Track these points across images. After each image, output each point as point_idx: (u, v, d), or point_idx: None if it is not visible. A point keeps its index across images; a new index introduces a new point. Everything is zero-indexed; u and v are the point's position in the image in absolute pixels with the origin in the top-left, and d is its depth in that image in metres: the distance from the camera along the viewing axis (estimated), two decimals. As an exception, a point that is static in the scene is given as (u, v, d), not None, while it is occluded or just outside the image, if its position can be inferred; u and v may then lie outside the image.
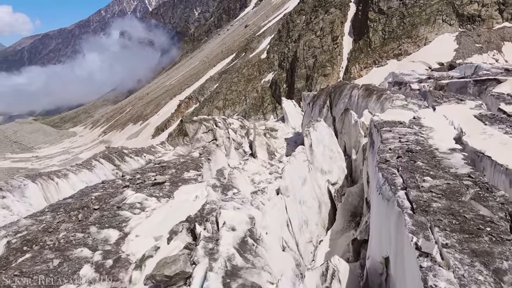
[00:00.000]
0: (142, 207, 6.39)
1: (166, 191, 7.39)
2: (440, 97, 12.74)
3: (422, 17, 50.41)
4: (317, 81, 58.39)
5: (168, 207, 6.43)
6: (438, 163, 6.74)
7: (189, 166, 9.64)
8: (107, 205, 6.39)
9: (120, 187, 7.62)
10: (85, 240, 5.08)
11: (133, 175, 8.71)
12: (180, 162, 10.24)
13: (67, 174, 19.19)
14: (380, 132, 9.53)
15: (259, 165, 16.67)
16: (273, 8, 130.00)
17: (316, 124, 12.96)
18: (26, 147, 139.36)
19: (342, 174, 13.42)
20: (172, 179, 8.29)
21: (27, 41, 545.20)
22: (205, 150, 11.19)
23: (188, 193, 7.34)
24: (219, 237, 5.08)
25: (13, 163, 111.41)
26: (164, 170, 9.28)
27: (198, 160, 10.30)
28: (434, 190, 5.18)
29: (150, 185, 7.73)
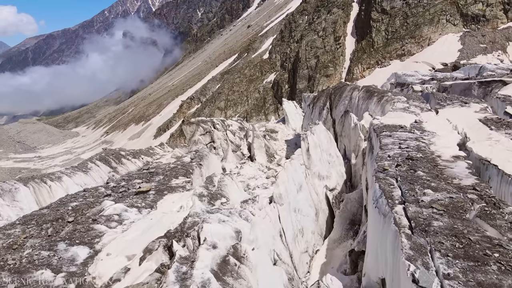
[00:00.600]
0: (120, 220, 5.92)
1: (149, 200, 6.93)
2: (443, 100, 12.22)
3: (426, 17, 49.75)
4: (319, 81, 57.83)
5: (148, 219, 5.95)
6: (440, 173, 6.24)
7: (179, 172, 9.17)
8: (83, 217, 5.92)
9: (101, 196, 7.17)
10: (49, 260, 4.61)
11: (118, 182, 8.26)
12: (170, 167, 9.77)
13: (61, 177, 18.75)
14: (379, 137, 9.03)
15: (256, 169, 16.20)
16: (276, 8, 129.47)
17: (314, 127, 12.47)
18: (29, 147, 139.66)
19: (341, 179, 12.92)
20: (158, 187, 7.82)
21: (31, 41, 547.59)
22: (197, 155, 10.72)
23: (172, 203, 6.87)
24: (195, 258, 4.61)
25: (16, 163, 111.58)
26: (152, 176, 8.83)
27: (189, 166, 9.83)
28: (435, 206, 4.68)
29: (134, 194, 7.27)
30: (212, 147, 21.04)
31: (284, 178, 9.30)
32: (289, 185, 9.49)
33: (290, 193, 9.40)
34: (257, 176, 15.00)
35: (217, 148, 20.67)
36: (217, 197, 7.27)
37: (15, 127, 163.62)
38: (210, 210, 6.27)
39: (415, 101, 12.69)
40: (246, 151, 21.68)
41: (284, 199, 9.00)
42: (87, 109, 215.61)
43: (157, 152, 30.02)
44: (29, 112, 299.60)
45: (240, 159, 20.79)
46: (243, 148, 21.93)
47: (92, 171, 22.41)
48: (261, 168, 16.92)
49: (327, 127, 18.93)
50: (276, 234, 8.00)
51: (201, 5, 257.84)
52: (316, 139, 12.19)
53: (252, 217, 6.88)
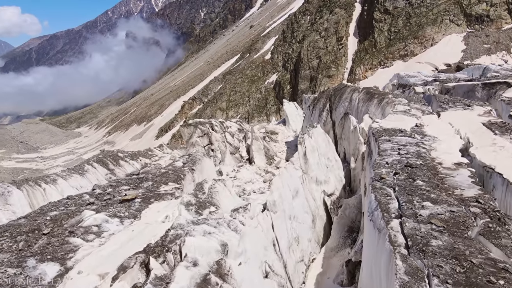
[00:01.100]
0: (99, 232, 5.56)
1: (134, 209, 6.57)
2: (445, 102, 11.80)
3: (429, 17, 49.23)
4: (321, 82, 57.41)
5: (129, 231, 5.59)
6: (441, 182, 5.85)
7: (169, 178, 8.82)
8: (60, 229, 5.57)
9: (84, 204, 6.82)
10: (14, 279, 4.25)
11: (104, 189, 7.92)
12: (161, 172, 9.42)
13: (56, 179, 18.46)
14: (378, 141, 8.64)
15: (253, 173, 15.82)
16: (279, 9, 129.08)
17: (312, 130, 12.08)
18: (32, 147, 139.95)
19: (340, 184, 12.52)
20: (145, 194, 7.46)
21: (35, 41, 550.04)
22: (190, 159, 10.36)
23: (158, 212, 6.51)
24: (171, 278, 4.25)
25: (18, 164, 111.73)
26: (141, 182, 8.48)
27: (180, 171, 9.47)
28: (435, 222, 4.29)
29: (118, 202, 6.91)
30: (210, 149, 20.70)
31: (279, 184, 8.92)
32: (284, 192, 9.12)
33: (285, 200, 9.03)
34: (254, 180, 14.63)
35: (215, 151, 20.32)
36: (206, 205, 6.90)
37: (18, 127, 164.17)
38: (196, 221, 5.90)
39: (416, 103, 12.29)
40: (245, 153, 21.31)
41: (278, 207, 8.63)
42: (90, 109, 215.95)
43: (156, 154, 29.72)
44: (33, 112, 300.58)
45: (239, 161, 20.43)
46: (241, 150, 21.57)
47: (89, 173, 22.12)
48: (258, 171, 16.55)
49: (326, 129, 18.56)
50: (268, 244, 7.62)
51: (204, 5, 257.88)
52: (314, 143, 11.80)
53: (242, 228, 6.51)
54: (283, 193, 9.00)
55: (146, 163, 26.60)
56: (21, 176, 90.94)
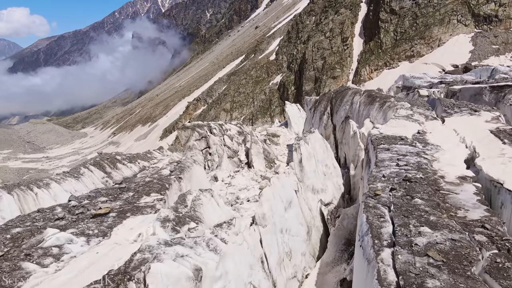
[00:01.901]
0: (59, 254, 5.02)
1: (105, 226, 6.01)
2: (450, 106, 11.12)
3: (436, 18, 48.28)
4: (325, 83, 56.68)
5: (93, 254, 5.04)
6: (443, 200, 5.21)
7: (153, 188, 8.28)
8: (17, 250, 5.03)
9: (53, 219, 6.29)
10: None
11: (80, 200, 7.39)
12: (145, 181, 8.88)
13: (49, 183, 17.99)
14: (376, 150, 8.01)
15: (249, 179, 15.22)
16: (284, 9, 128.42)
17: (309, 136, 11.46)
18: (38, 147, 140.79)
19: (338, 192, 11.88)
20: (122, 207, 6.90)
21: (43, 42, 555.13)
22: (178, 167, 9.80)
23: (131, 229, 5.95)
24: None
25: (24, 164, 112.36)
26: (121, 193, 7.94)
27: (166, 180, 8.93)
28: (433, 254, 3.67)
29: (90, 217, 6.37)
30: (208, 153, 20.16)
31: (269, 195, 8.32)
32: (275, 203, 8.51)
33: (276, 212, 8.43)
34: (250, 187, 14.03)
35: (212, 154, 19.78)
36: (186, 221, 6.32)
37: (26, 127, 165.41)
38: (169, 241, 5.33)
39: (419, 107, 11.61)
40: (244, 157, 20.72)
41: (268, 220, 8.03)
42: (96, 110, 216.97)
43: (155, 157, 29.21)
44: (40, 112, 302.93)
45: (237, 165, 19.85)
46: (240, 154, 20.99)
47: (84, 176, 21.63)
48: (254, 177, 15.94)
49: (327, 133, 17.93)
50: (255, 262, 7.03)
51: (210, 6, 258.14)
52: (311, 149, 11.18)
53: (223, 247, 5.93)
54: (274, 205, 8.40)
55: (145, 166, 26.14)
56: (27, 176, 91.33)
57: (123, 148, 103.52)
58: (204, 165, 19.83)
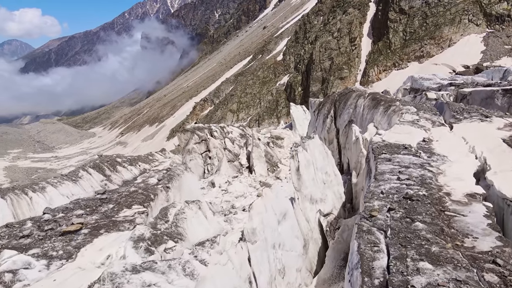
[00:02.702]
0: (11, 281, 4.49)
1: (73, 245, 5.47)
2: (459, 111, 10.38)
3: (447, 17, 47.13)
4: (333, 84, 55.82)
5: (50, 282, 4.46)
6: (448, 224, 4.55)
7: (136, 199, 7.73)
8: (-34, 276, 4.57)
9: (18, 236, 5.77)
10: None
11: (55, 214, 6.87)
12: (129, 191, 8.33)
13: (45, 187, 17.61)
14: (377, 161, 7.35)
15: (247, 185, 14.60)
16: (292, 9, 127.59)
17: (308, 142, 10.81)
18: (48, 147, 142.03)
19: (339, 201, 11.21)
20: (97, 223, 6.36)
21: (54, 43, 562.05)
22: (166, 175, 9.24)
23: (101, 250, 5.40)
24: None
25: (33, 163, 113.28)
26: (101, 205, 7.40)
27: (152, 189, 8.37)
28: (431, 302, 3.02)
29: (59, 234, 5.84)
30: (207, 157, 19.61)
31: (260, 208, 7.71)
32: (267, 217, 7.90)
33: (267, 226, 7.81)
34: (247, 194, 13.42)
35: (212, 158, 19.22)
36: (163, 240, 5.75)
37: (36, 127, 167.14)
38: (138, 266, 4.75)
39: (426, 112, 10.89)
40: (245, 161, 20.14)
41: (258, 235, 7.42)
42: (105, 110, 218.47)
43: (157, 159, 28.80)
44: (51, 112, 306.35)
45: (237, 170, 19.27)
46: (242, 157, 20.40)
47: (83, 180, 21.24)
48: (253, 183, 15.31)
49: (330, 137, 17.24)
50: (242, 283, 6.42)
51: (218, 6, 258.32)
52: (309, 156, 10.53)
53: (202, 270, 5.34)
54: (265, 219, 7.78)
55: (145, 169, 25.72)
56: (35, 175, 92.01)
57: (130, 148, 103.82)
58: (204, 169, 19.30)
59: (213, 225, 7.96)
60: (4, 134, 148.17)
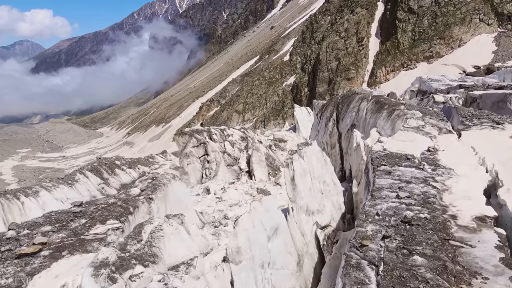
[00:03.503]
0: None
1: (27, 271, 4.85)
2: (469, 117, 9.59)
3: (457, 17, 45.94)
4: (339, 85, 54.91)
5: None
6: (452, 258, 3.84)
7: (113, 212, 7.12)
8: None
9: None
10: None
11: (19, 230, 6.29)
12: (107, 203, 7.71)
13: (38, 191, 17.15)
14: (375, 173, 6.64)
15: (243, 193, 13.91)
16: (300, 9, 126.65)
17: (305, 149, 10.10)
18: (56, 147, 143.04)
19: (338, 212, 10.49)
20: (62, 242, 5.74)
21: (64, 43, 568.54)
22: (151, 184, 8.61)
23: (56, 277, 4.78)
24: None
25: (41, 163, 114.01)
26: (73, 219, 6.80)
27: (133, 201, 7.76)
28: None
29: (15, 257, 5.25)
30: (205, 161, 19.00)
31: (247, 224, 7.04)
32: (255, 233, 7.23)
33: (255, 244, 7.14)
34: (243, 202, 12.74)
35: (210, 162, 18.60)
36: (130, 264, 5.11)
37: (45, 127, 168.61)
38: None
39: (432, 118, 10.11)
40: (245, 165, 19.48)
41: (244, 254, 6.76)
42: (114, 110, 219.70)
43: (157, 161, 28.33)
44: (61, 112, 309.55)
45: (236, 175, 18.62)
46: (242, 161, 19.75)
47: (79, 183, 20.81)
48: (249, 190, 14.62)
49: (332, 142, 16.49)
50: (221, 311, 5.77)
51: (226, 6, 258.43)
52: (306, 165, 9.84)
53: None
54: (252, 236, 7.11)
55: (145, 172, 25.22)
56: (43, 175, 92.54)
57: (136, 148, 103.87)
58: (202, 174, 18.69)
59: (197, 241, 7.31)
60: (14, 134, 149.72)
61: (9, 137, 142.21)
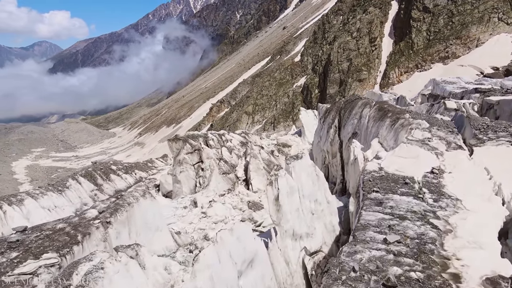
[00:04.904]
0: None
1: None
2: (483, 129, 8.23)
3: (474, 15, 43.83)
4: (351, 86, 53.25)
5: None
6: None
7: (55, 242, 6.06)
8: None
9: None
10: None
11: None
12: (54, 229, 6.65)
13: (23, 199, 16.37)
14: (363, 202, 5.42)
15: (230, 208, 12.73)
16: (313, 9, 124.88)
17: (293, 163, 8.90)
18: (70, 146, 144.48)
19: (331, 236, 9.25)
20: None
21: (81, 44, 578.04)
22: (112, 205, 7.52)
23: None
24: None
25: (54, 162, 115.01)
26: (5, 251, 5.80)
27: (85, 226, 6.68)
28: None
29: None
30: (200, 169, 17.93)
31: (210, 260, 5.89)
32: (221, 270, 6.08)
33: (221, 283, 5.99)
34: (229, 219, 11.59)
35: (205, 170, 17.51)
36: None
37: (60, 126, 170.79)
38: None
39: (440, 129, 8.78)
40: (242, 173, 18.35)
41: (204, 297, 5.61)
42: (127, 110, 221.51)
43: (156, 166, 27.40)
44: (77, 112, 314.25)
45: (232, 183, 17.49)
46: (238, 169, 18.62)
47: (70, 190, 20.01)
48: (239, 205, 13.43)
49: (333, 151, 15.21)
50: None
51: (240, 7, 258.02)
52: (294, 182, 8.65)
53: None
54: (217, 274, 5.95)
55: (142, 177, 24.33)
56: (55, 175, 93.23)
57: (147, 149, 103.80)
58: (196, 182, 17.63)
59: (154, 277, 6.19)
60: (30, 133, 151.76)
61: (25, 137, 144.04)
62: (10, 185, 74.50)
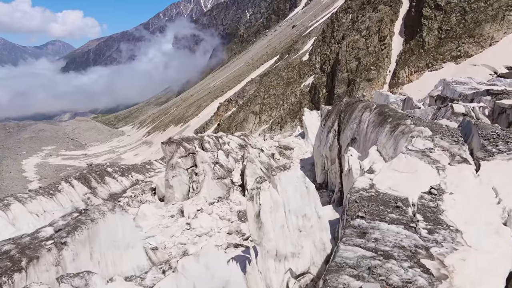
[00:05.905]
0: None
1: None
2: (493, 139, 7.23)
3: (488, 13, 42.23)
4: (359, 86, 51.94)
5: None
6: None
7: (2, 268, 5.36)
8: None
9: None
10: None
11: None
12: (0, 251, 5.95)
13: (10, 204, 15.79)
14: (344, 231, 4.53)
15: (217, 218, 11.88)
16: (323, 7, 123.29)
17: (279, 175, 8.02)
18: (80, 144, 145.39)
19: (320, 255, 8.33)
20: None
21: (93, 43, 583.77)
22: (72, 222, 6.72)
23: None
24: None
25: (63, 160, 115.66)
26: None
27: (34, 249, 5.90)
28: None
29: None
30: (194, 173, 17.14)
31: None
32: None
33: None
34: (215, 231, 10.76)
35: (199, 175, 16.72)
36: None
37: (71, 125, 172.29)
38: None
39: (444, 138, 7.80)
40: (238, 177, 17.51)
41: None
42: (137, 108, 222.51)
43: (154, 168, 26.70)
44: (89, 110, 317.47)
45: (227, 189, 16.67)
46: (235, 174, 17.78)
47: (62, 193, 19.38)
48: (227, 215, 12.56)
49: (333, 156, 14.26)
50: None
51: (250, 6, 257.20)
52: (278, 197, 7.77)
53: None
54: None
55: (138, 180, 23.67)
56: (64, 173, 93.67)
57: (155, 148, 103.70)
58: (189, 187, 16.85)
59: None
60: (41, 131, 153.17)
61: (36, 135, 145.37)
62: (19, 183, 74.91)
